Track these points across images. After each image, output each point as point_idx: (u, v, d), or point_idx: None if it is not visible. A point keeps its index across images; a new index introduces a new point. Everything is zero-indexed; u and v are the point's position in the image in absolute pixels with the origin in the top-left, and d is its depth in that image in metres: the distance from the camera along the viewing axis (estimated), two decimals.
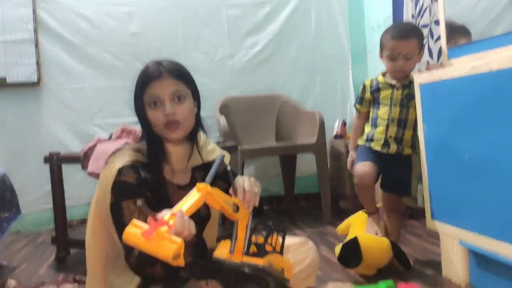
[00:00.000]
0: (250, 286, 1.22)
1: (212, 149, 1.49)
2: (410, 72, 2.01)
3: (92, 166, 2.05)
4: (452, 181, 1.69)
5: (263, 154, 3.06)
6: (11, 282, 1.86)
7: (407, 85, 2.00)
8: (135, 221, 1.06)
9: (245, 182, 1.24)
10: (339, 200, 3.15)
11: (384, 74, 2.08)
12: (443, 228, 1.75)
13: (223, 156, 1.24)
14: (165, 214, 1.05)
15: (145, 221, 1.05)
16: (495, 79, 1.45)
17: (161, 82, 1.28)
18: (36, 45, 3.02)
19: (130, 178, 1.27)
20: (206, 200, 1.13)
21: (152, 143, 1.33)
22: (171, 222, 1.03)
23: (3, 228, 2.23)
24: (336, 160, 3.19)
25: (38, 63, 3.02)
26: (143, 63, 1.35)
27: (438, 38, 2.32)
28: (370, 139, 2.06)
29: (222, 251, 1.24)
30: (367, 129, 2.10)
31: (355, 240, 1.82)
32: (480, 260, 1.61)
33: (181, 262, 1.01)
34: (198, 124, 1.39)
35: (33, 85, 3.03)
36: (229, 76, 3.31)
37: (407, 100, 1.99)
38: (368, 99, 2.09)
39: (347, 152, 3.04)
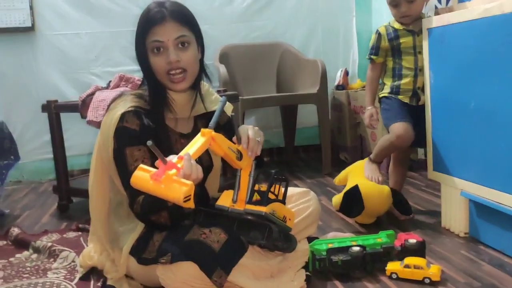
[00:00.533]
0: (253, 234, 1.23)
1: (215, 98, 1.46)
2: (418, 15, 1.89)
3: (91, 114, 2.03)
4: (455, 131, 1.68)
5: (264, 104, 3.01)
6: (14, 230, 1.88)
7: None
8: (142, 165, 1.05)
9: (249, 130, 1.23)
10: (339, 152, 3.15)
11: (396, 21, 1.93)
12: (445, 179, 1.76)
13: (226, 99, 1.21)
14: (172, 158, 1.04)
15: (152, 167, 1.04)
16: (508, 22, 1.39)
17: (164, 26, 1.23)
18: None
19: (133, 125, 1.25)
20: (210, 146, 1.12)
21: (155, 91, 1.30)
22: (179, 165, 1.02)
23: (3, 176, 2.23)
24: (337, 111, 3.16)
25: (31, 8, 2.91)
26: (140, 8, 1.28)
27: None
28: (395, 92, 1.93)
29: (225, 200, 1.25)
30: (388, 81, 1.96)
31: (356, 188, 1.81)
32: (480, 211, 1.62)
33: (191, 205, 1.01)
34: (202, 71, 1.35)
35: (27, 31, 2.93)
36: (228, 23, 3.20)
37: None
38: (385, 48, 1.93)
39: (349, 103, 3.03)
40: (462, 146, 1.65)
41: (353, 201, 1.81)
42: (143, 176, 1.02)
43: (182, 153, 1.06)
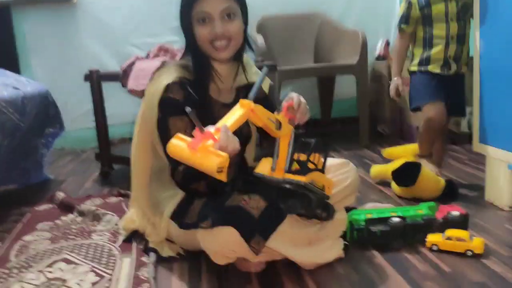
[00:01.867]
0: (292, 202, 1.23)
1: (256, 71, 1.46)
2: None
3: (132, 83, 2.05)
4: (504, 102, 1.60)
5: (301, 75, 2.97)
6: (60, 194, 1.96)
7: None
8: (179, 134, 1.06)
9: (300, 97, 1.22)
10: (377, 124, 3.09)
11: None
12: (491, 151, 1.69)
13: (267, 70, 1.20)
14: (211, 128, 1.05)
15: (191, 137, 1.05)
16: None
17: None
18: None
19: (178, 95, 1.26)
20: (249, 117, 1.11)
21: (199, 61, 1.30)
22: (216, 136, 1.02)
23: (48, 143, 2.32)
24: (376, 83, 3.08)
25: None
26: None
27: None
28: (425, 63, 1.88)
29: (264, 167, 1.24)
30: (418, 51, 1.91)
31: (419, 164, 1.79)
32: None
33: (223, 177, 1.01)
34: (245, 42, 1.34)
35: (68, 2, 2.98)
36: None
37: (463, 13, 1.83)
38: (415, 17, 1.87)
39: (389, 74, 2.93)
40: (510, 118, 1.58)
41: (409, 172, 1.77)
42: (180, 145, 1.02)
43: (220, 124, 1.05)
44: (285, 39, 3.13)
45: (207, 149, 1.01)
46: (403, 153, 1.97)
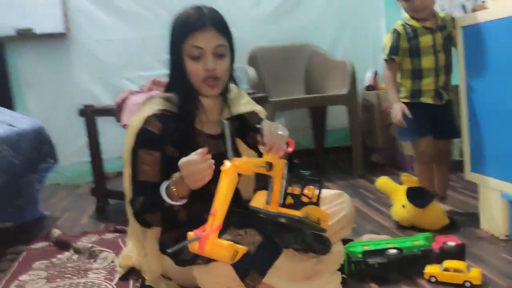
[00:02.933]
0: (287, 237, 1.23)
1: (246, 102, 1.48)
2: (432, 9, 1.82)
3: (126, 118, 2.07)
4: (493, 131, 1.64)
5: (293, 106, 3.01)
6: (56, 231, 1.95)
7: (442, 25, 1.84)
8: (190, 233, 1.07)
9: (269, 127, 1.21)
10: (370, 154, 3.12)
11: (413, 17, 1.85)
12: (483, 180, 1.72)
13: (228, 123, 1.19)
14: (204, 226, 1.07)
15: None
16: None
17: (204, 33, 1.25)
18: None
19: (155, 128, 1.28)
20: (239, 172, 1.12)
21: (186, 94, 1.32)
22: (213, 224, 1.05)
23: (42, 178, 2.31)
24: (367, 112, 3.13)
25: (64, 14, 3.00)
26: (169, 12, 1.30)
27: None
28: (417, 95, 1.88)
29: (259, 201, 1.25)
30: (406, 83, 1.90)
31: (434, 194, 1.83)
32: None
33: (241, 254, 1.07)
34: (230, 78, 1.37)
35: (61, 36, 3.03)
36: (256, 25, 3.22)
37: (448, 43, 1.85)
38: (404, 48, 1.86)
39: (379, 104, 2.99)
40: (501, 146, 1.61)
41: (422, 197, 1.79)
42: (193, 247, 1.06)
43: (214, 204, 1.07)
44: (276, 71, 3.18)
45: (213, 247, 1.04)
46: (395, 191, 1.92)
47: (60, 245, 1.84)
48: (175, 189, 1.21)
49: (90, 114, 2.26)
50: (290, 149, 1.26)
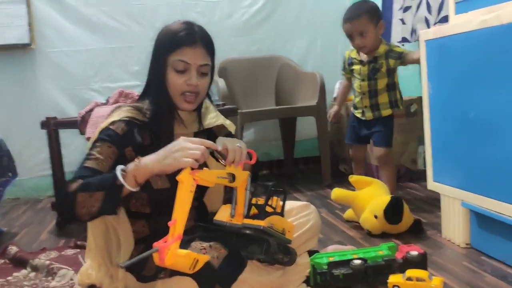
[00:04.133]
0: (252, 248, 1.22)
1: (214, 116, 1.47)
2: (373, 46, 2.14)
3: (90, 131, 2.03)
4: (455, 141, 1.67)
5: (263, 117, 3.02)
6: (12, 249, 1.87)
7: (373, 60, 2.17)
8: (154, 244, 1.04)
9: (227, 142, 1.21)
10: (339, 163, 3.14)
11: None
12: (445, 190, 1.75)
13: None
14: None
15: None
16: (505, 33, 1.39)
17: (194, 49, 1.26)
18: (28, 5, 2.92)
19: (119, 130, 1.25)
20: (198, 183, 1.10)
21: (162, 106, 1.30)
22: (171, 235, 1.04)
23: (0, 193, 2.22)
24: (336, 123, 3.15)
25: (30, 24, 2.93)
26: (139, 24, 1.29)
27: None
28: (354, 107, 2.32)
29: (223, 214, 1.24)
30: (353, 97, 2.34)
31: (399, 198, 1.88)
32: (481, 221, 1.61)
33: (201, 264, 1.05)
34: (207, 94, 1.37)
35: (26, 47, 2.95)
36: (227, 37, 3.22)
37: (373, 74, 2.19)
38: (348, 69, 2.31)
39: (348, 115, 3.02)
40: (462, 157, 1.64)
41: (395, 209, 1.84)
42: (155, 258, 1.03)
43: (173, 214, 1.05)
44: (246, 82, 3.19)
45: (172, 257, 1.01)
46: (355, 198, 2.01)
47: (17, 262, 1.77)
48: (135, 168, 1.12)
49: (52, 126, 2.20)
50: (252, 161, 1.26)
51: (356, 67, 2.24)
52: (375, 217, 1.85)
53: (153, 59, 1.31)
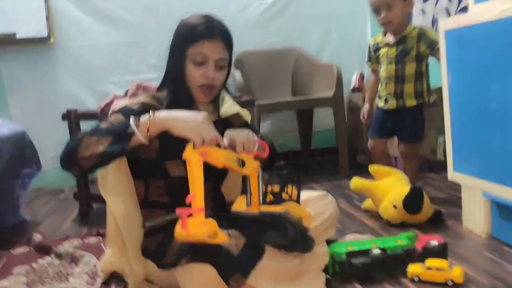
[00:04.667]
0: (270, 234, 1.23)
1: (230, 105, 1.48)
2: (399, 21, 2.03)
3: None
4: (476, 131, 1.65)
5: (280, 109, 3.02)
6: (37, 236, 1.92)
7: (401, 40, 2.06)
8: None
9: (231, 135, 1.22)
10: (356, 154, 3.13)
11: (385, 33, 2.14)
12: (466, 180, 1.73)
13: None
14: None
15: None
16: None
17: (213, 43, 1.28)
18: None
19: (134, 106, 1.27)
20: (206, 160, 1.11)
21: (180, 97, 1.32)
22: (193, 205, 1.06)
23: (25, 184, 2.28)
24: (353, 114, 3.13)
25: (48, 18, 2.97)
26: (156, 18, 1.30)
27: None
28: (378, 96, 2.21)
29: (240, 205, 1.26)
30: (379, 86, 2.22)
31: (421, 191, 1.86)
32: (503, 211, 1.60)
33: (220, 239, 1.06)
34: (223, 87, 1.39)
35: (44, 41, 2.99)
36: (242, 29, 3.19)
37: (402, 57, 2.07)
38: (374, 57, 2.20)
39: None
40: (482, 147, 1.62)
41: (415, 200, 1.83)
42: (177, 229, 1.05)
43: (190, 192, 1.07)
44: (262, 74, 3.19)
45: (195, 225, 1.03)
46: (374, 188, 2.00)
47: (41, 249, 1.81)
48: (150, 119, 1.12)
49: (73, 118, 2.24)
50: (265, 154, 1.26)
51: (383, 50, 2.13)
52: (394, 207, 1.84)
53: (172, 51, 1.33)
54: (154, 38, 3.04)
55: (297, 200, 1.26)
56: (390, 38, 2.09)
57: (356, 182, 2.05)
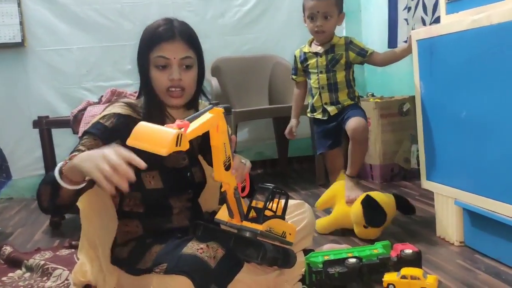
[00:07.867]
0: (249, 252, 1.21)
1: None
2: (331, 32, 2.06)
3: (83, 130, 2.01)
4: (448, 140, 1.69)
5: (257, 116, 3.02)
6: (7, 249, 1.85)
7: (330, 50, 2.07)
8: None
9: (236, 158, 1.19)
10: None
11: (310, 44, 2.13)
12: (438, 188, 1.76)
13: (212, 106, 1.19)
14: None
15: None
16: (496, 33, 1.41)
17: (172, 44, 1.25)
18: (19, 4, 2.90)
19: (107, 122, 1.25)
20: (213, 129, 1.08)
21: (151, 104, 1.30)
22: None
23: None
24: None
25: (21, 23, 2.90)
26: (131, 22, 1.28)
27: None
28: (312, 110, 2.17)
29: (224, 214, 1.24)
30: (309, 99, 2.20)
31: (370, 198, 1.81)
32: (475, 220, 1.63)
33: (183, 147, 0.97)
34: (199, 91, 1.36)
35: (17, 46, 2.92)
36: (220, 35, 3.22)
37: (332, 65, 2.07)
38: (300, 69, 2.17)
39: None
40: (455, 155, 1.66)
41: (373, 210, 1.79)
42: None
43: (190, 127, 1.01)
44: (239, 81, 3.19)
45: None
46: (331, 195, 2.03)
47: (11, 262, 1.76)
48: (67, 166, 1.06)
49: (44, 125, 2.19)
50: (244, 193, 1.23)
51: (311, 61, 2.10)
52: (365, 227, 1.83)
53: (138, 58, 1.31)
54: (129, 43, 3.00)
55: (282, 215, 1.24)
56: (318, 48, 2.09)
57: (319, 203, 2.08)
